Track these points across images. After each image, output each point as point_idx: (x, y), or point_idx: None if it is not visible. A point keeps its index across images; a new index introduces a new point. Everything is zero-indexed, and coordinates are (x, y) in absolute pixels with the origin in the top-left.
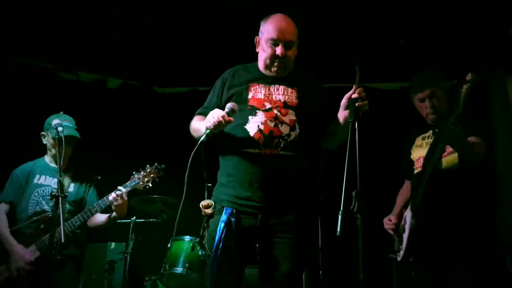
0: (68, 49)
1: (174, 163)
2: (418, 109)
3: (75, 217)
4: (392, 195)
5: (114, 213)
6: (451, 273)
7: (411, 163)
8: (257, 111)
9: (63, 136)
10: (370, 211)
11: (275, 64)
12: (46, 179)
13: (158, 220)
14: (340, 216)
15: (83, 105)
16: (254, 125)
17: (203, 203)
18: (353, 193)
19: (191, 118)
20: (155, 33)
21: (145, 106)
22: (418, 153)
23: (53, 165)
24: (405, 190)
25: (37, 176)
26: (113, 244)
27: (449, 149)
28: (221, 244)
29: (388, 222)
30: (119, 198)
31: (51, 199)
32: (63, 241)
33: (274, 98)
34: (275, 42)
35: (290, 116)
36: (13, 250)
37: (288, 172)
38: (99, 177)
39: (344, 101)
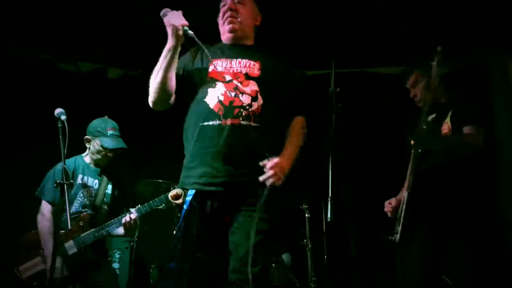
0: (67, 39)
1: (174, 150)
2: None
3: (92, 232)
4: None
5: (123, 232)
6: (446, 250)
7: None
8: (217, 82)
9: (109, 148)
10: (372, 197)
11: (226, 19)
12: (88, 180)
13: (163, 207)
14: (329, 204)
15: (83, 95)
16: (213, 97)
17: (171, 193)
18: (342, 186)
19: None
20: (155, 22)
21: (145, 95)
22: None
23: (92, 166)
24: None
25: (80, 175)
26: None
27: (445, 130)
28: (180, 233)
29: (387, 205)
30: (131, 222)
31: (56, 187)
32: (70, 227)
33: (235, 71)
34: (223, 2)
35: (252, 87)
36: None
37: (252, 143)
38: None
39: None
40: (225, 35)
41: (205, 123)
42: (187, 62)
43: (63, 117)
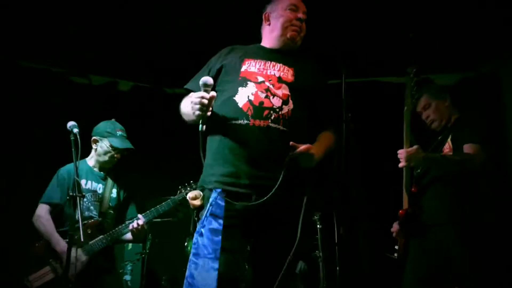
0: (79, 52)
1: (184, 163)
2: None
3: (100, 239)
4: None
5: (131, 237)
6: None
7: None
8: (248, 82)
9: (119, 148)
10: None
11: (294, 28)
12: (92, 184)
13: (174, 219)
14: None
15: (95, 108)
16: (243, 96)
17: (190, 194)
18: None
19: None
20: (165, 34)
21: (156, 107)
22: None
23: (97, 170)
24: None
25: (84, 180)
26: (130, 245)
27: (445, 149)
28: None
29: (395, 226)
30: (139, 227)
31: (69, 200)
32: (82, 239)
33: (268, 73)
34: (296, 8)
35: (284, 90)
36: (61, 247)
37: (278, 147)
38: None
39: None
40: (278, 39)
41: (233, 122)
42: (217, 64)
43: (75, 130)
